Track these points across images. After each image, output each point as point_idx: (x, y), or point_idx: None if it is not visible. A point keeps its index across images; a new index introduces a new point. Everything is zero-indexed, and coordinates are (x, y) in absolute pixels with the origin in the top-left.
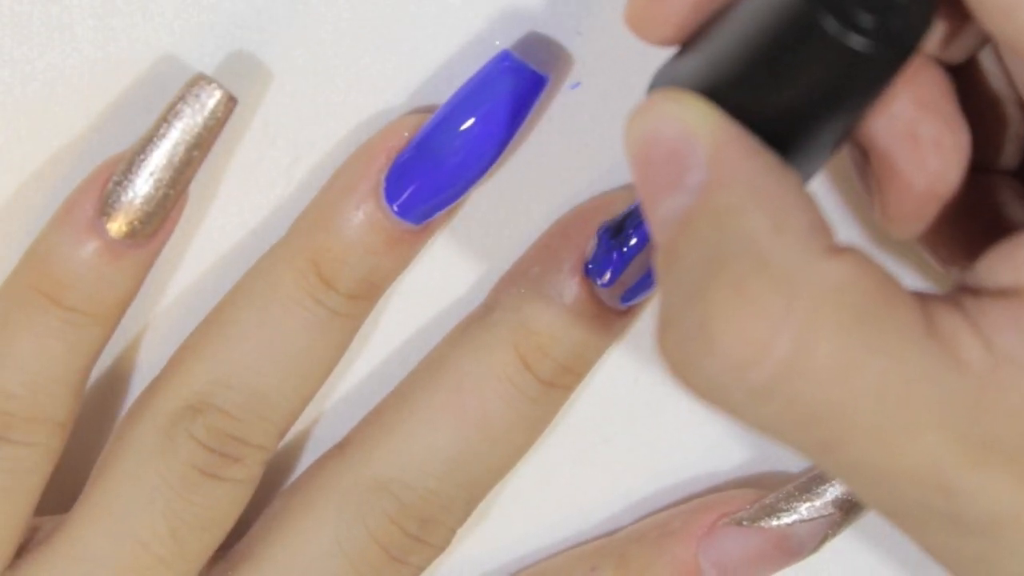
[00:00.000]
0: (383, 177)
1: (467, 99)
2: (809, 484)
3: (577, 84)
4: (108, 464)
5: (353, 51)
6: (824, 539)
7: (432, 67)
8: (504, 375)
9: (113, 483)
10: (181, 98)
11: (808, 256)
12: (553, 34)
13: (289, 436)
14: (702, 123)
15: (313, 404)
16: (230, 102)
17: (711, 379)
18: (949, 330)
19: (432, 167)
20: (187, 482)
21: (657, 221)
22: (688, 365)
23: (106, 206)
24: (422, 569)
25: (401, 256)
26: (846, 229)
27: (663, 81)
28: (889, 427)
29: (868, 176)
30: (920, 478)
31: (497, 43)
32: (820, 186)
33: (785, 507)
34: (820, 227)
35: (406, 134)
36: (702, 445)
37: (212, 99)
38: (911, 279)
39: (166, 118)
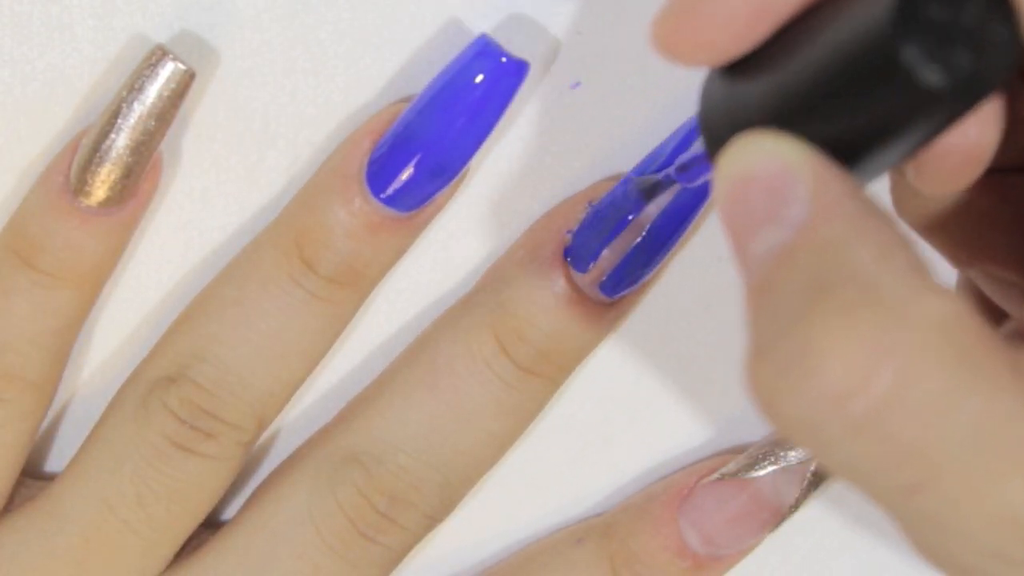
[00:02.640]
0: (365, 162)
1: (446, 86)
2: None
3: (577, 84)
4: (95, 428)
5: (353, 51)
6: (803, 496)
7: (432, 68)
8: (480, 356)
9: (91, 446)
10: (139, 71)
11: (914, 289)
12: (553, 34)
13: (289, 436)
14: (802, 159)
15: (313, 404)
16: (186, 74)
17: (807, 409)
18: None
19: (412, 154)
20: (157, 451)
21: (750, 257)
22: (783, 395)
23: (73, 173)
24: (394, 553)
25: (383, 244)
26: None
27: (720, 108)
28: (978, 470)
29: None
30: (1001, 525)
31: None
32: None
33: (763, 459)
34: (921, 264)
35: (392, 121)
36: (703, 445)
37: (167, 70)
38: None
39: (125, 90)
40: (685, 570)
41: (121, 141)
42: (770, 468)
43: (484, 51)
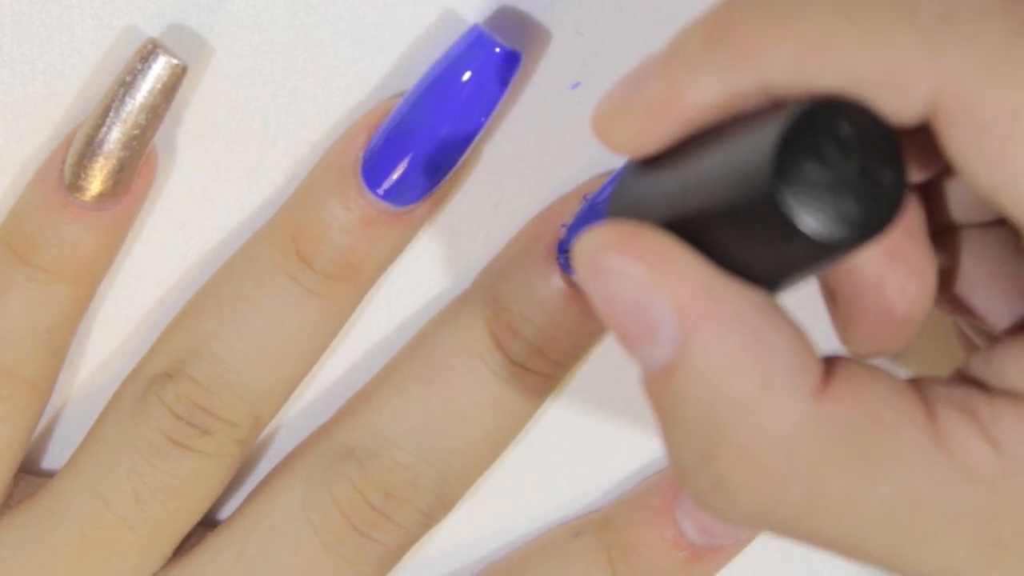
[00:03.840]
0: (361, 156)
1: (439, 77)
2: None
3: (577, 84)
4: (93, 425)
5: (353, 51)
6: None
7: (429, 62)
8: (475, 351)
9: (89, 443)
10: (130, 65)
11: (799, 406)
12: (553, 34)
13: (287, 434)
14: (659, 275)
15: (311, 402)
16: (178, 68)
17: (738, 520)
18: (957, 436)
19: (407, 147)
20: (154, 447)
21: (639, 365)
22: (712, 510)
23: (67, 168)
24: (391, 551)
25: (379, 239)
26: None
27: (624, 196)
28: (902, 541)
29: (832, 307)
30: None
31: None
32: None
33: None
34: (803, 364)
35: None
36: None
37: (158, 64)
38: None
39: (117, 84)
40: (682, 561)
41: (114, 135)
42: None
43: (477, 41)
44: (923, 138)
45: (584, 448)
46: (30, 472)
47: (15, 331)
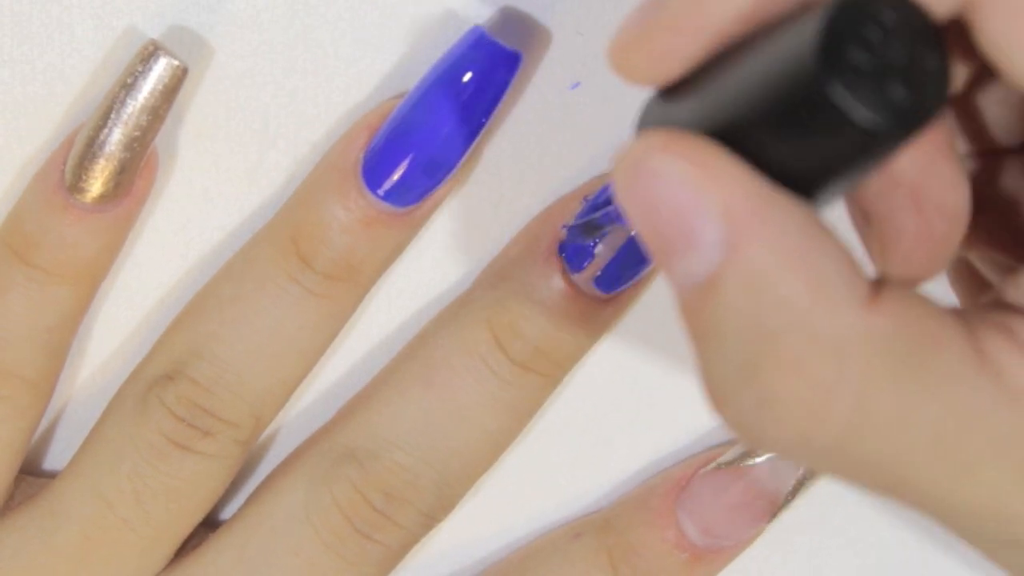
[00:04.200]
0: (361, 156)
1: (440, 78)
2: None
3: (577, 84)
4: (95, 426)
5: (353, 51)
6: (800, 484)
7: (430, 62)
8: (476, 352)
9: (91, 444)
10: (131, 66)
11: (850, 315)
12: (553, 34)
13: (288, 435)
14: (706, 175)
15: (312, 403)
16: (179, 69)
17: (778, 444)
18: (1000, 358)
19: (408, 147)
20: (155, 449)
21: (676, 281)
22: (754, 433)
23: (68, 169)
24: (392, 552)
25: (380, 239)
26: None
27: (651, 122)
28: (949, 468)
29: (868, 234)
30: (983, 512)
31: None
32: None
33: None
34: (854, 275)
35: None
36: (702, 442)
37: (159, 65)
38: None
39: (118, 86)
40: (684, 562)
41: (115, 136)
42: (766, 456)
43: (478, 42)
44: (960, 48)
45: (584, 448)
46: (31, 473)
47: (16, 332)
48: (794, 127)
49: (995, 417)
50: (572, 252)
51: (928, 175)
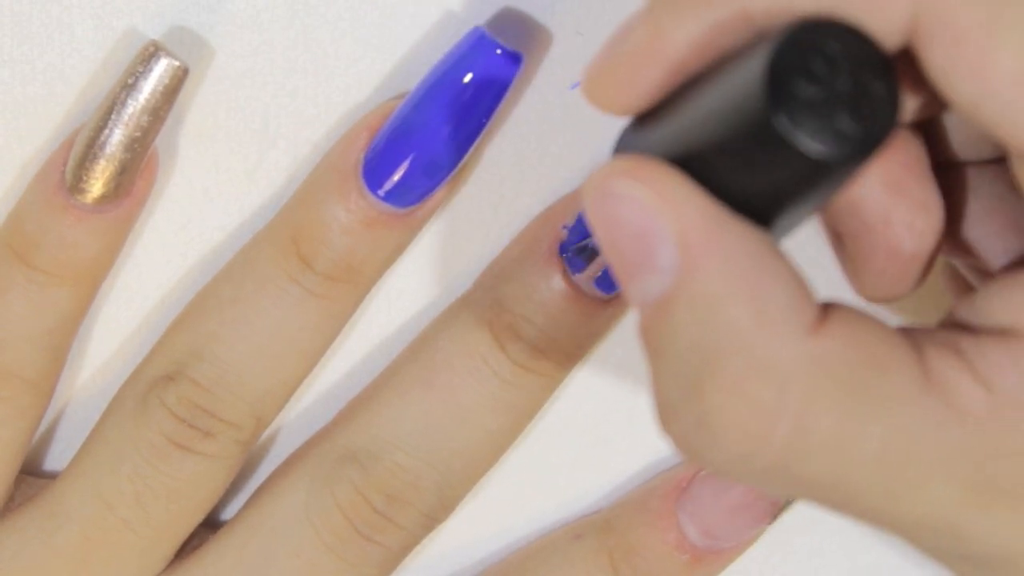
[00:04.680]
0: (362, 157)
1: (441, 79)
2: None
3: (577, 84)
4: (95, 427)
5: (353, 51)
6: None
7: (430, 63)
8: (476, 352)
9: (91, 445)
10: (132, 67)
11: (793, 339)
12: (553, 34)
13: (289, 436)
14: (663, 201)
15: (313, 404)
16: (179, 69)
17: (719, 464)
18: (947, 377)
19: (409, 148)
20: (156, 450)
21: (634, 299)
22: (695, 452)
23: (68, 170)
24: (393, 553)
25: (380, 240)
26: None
27: (625, 148)
28: (893, 486)
29: (840, 251)
30: (930, 525)
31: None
32: None
33: None
34: (800, 301)
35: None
36: None
37: (160, 66)
38: None
39: (119, 86)
40: (684, 563)
41: (115, 137)
42: None
43: (479, 43)
44: (916, 75)
45: (585, 449)
46: (31, 473)
47: (16, 332)
48: (748, 157)
49: (941, 435)
50: (572, 253)
51: (895, 194)
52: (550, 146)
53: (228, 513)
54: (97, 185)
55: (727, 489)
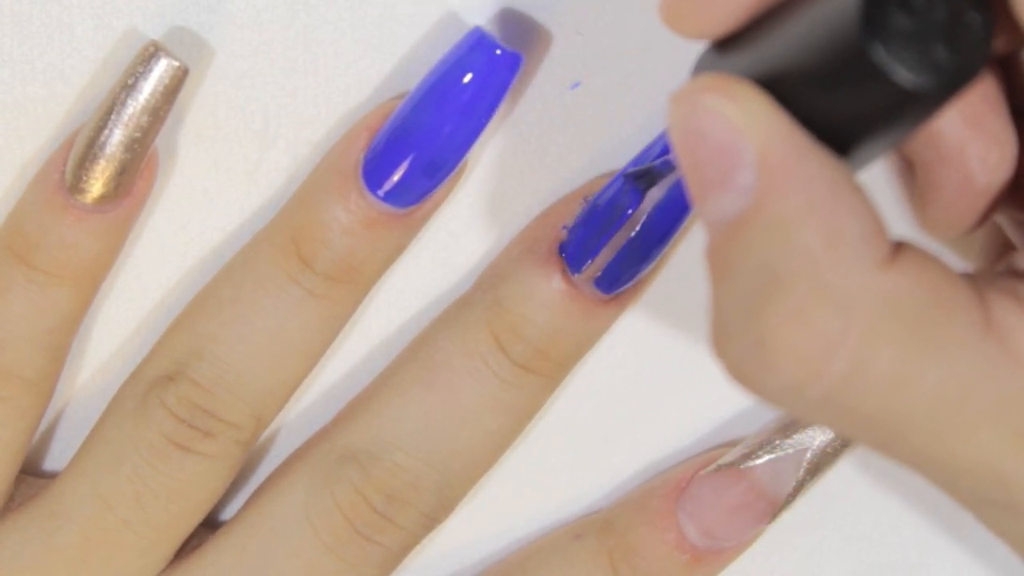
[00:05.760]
0: (362, 157)
1: (440, 80)
2: (785, 427)
3: (577, 84)
4: (95, 427)
5: (353, 51)
6: (800, 485)
7: (430, 63)
8: (476, 353)
9: (91, 445)
10: (132, 67)
11: (863, 271)
12: (553, 34)
13: (289, 436)
14: (749, 120)
15: (312, 404)
16: (179, 70)
17: (770, 392)
18: (1007, 324)
19: (408, 148)
20: (156, 450)
21: (706, 218)
22: (747, 377)
23: (68, 170)
24: (393, 553)
25: (380, 241)
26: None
27: (705, 69)
28: (944, 429)
29: (911, 182)
30: (976, 473)
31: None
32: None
33: (759, 449)
34: (874, 234)
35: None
36: (702, 442)
37: (160, 66)
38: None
39: (119, 86)
40: (684, 563)
41: (115, 137)
42: (767, 457)
43: (478, 44)
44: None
45: (585, 449)
46: (31, 473)
47: (16, 332)
48: (837, 86)
49: (997, 381)
50: (573, 253)
51: (973, 128)
52: (550, 146)
53: (228, 513)
54: (97, 185)
55: (727, 489)
